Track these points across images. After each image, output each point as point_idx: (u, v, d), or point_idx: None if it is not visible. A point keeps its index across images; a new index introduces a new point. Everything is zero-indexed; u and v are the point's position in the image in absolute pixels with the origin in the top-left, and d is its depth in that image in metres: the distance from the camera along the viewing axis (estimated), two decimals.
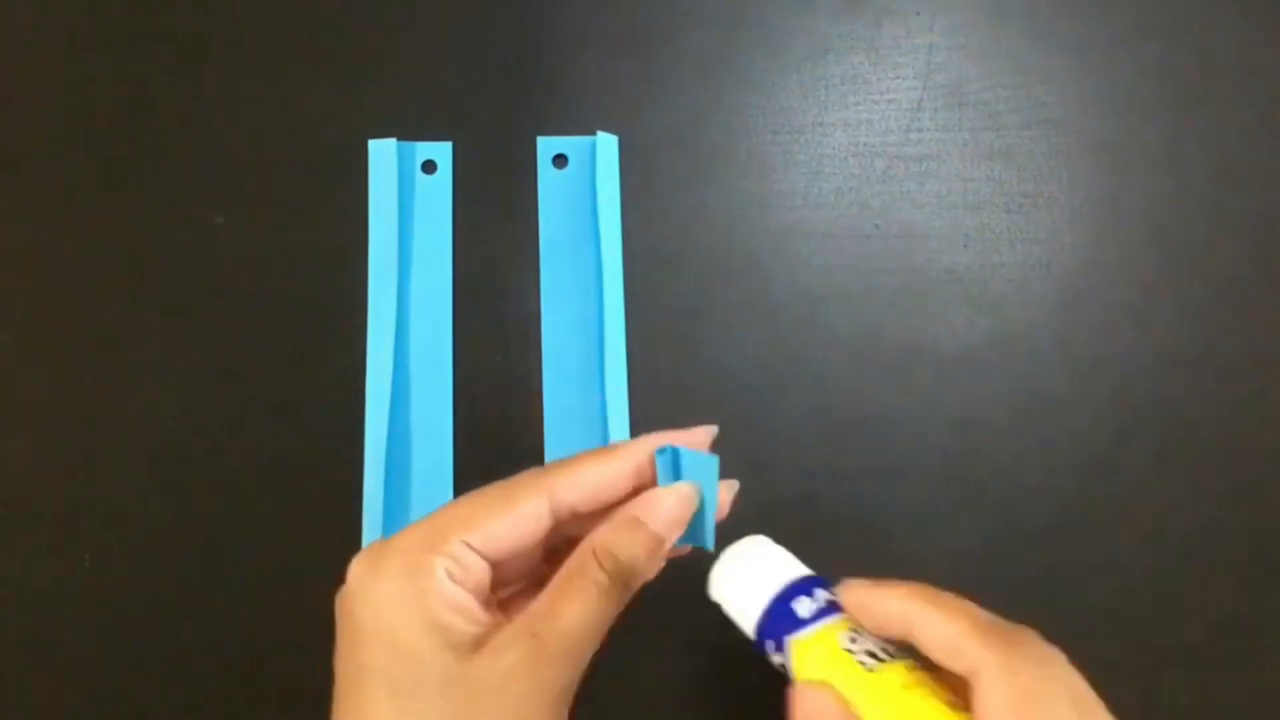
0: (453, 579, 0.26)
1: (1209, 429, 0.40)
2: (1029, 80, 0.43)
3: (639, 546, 0.27)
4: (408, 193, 0.41)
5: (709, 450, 0.30)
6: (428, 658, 0.25)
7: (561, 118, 0.42)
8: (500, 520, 0.27)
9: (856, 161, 0.42)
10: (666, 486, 0.28)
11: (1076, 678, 0.25)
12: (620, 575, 0.27)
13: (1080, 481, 0.40)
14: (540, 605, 0.26)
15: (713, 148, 0.42)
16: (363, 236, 0.41)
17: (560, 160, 0.42)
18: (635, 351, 0.40)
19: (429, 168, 0.42)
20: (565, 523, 0.29)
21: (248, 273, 0.40)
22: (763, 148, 0.42)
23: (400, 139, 0.41)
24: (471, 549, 0.27)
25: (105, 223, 0.41)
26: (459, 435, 0.39)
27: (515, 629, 0.26)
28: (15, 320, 0.40)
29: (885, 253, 0.41)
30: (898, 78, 0.43)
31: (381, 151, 0.41)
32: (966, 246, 0.42)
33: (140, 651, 0.37)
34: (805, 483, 0.39)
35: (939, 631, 0.24)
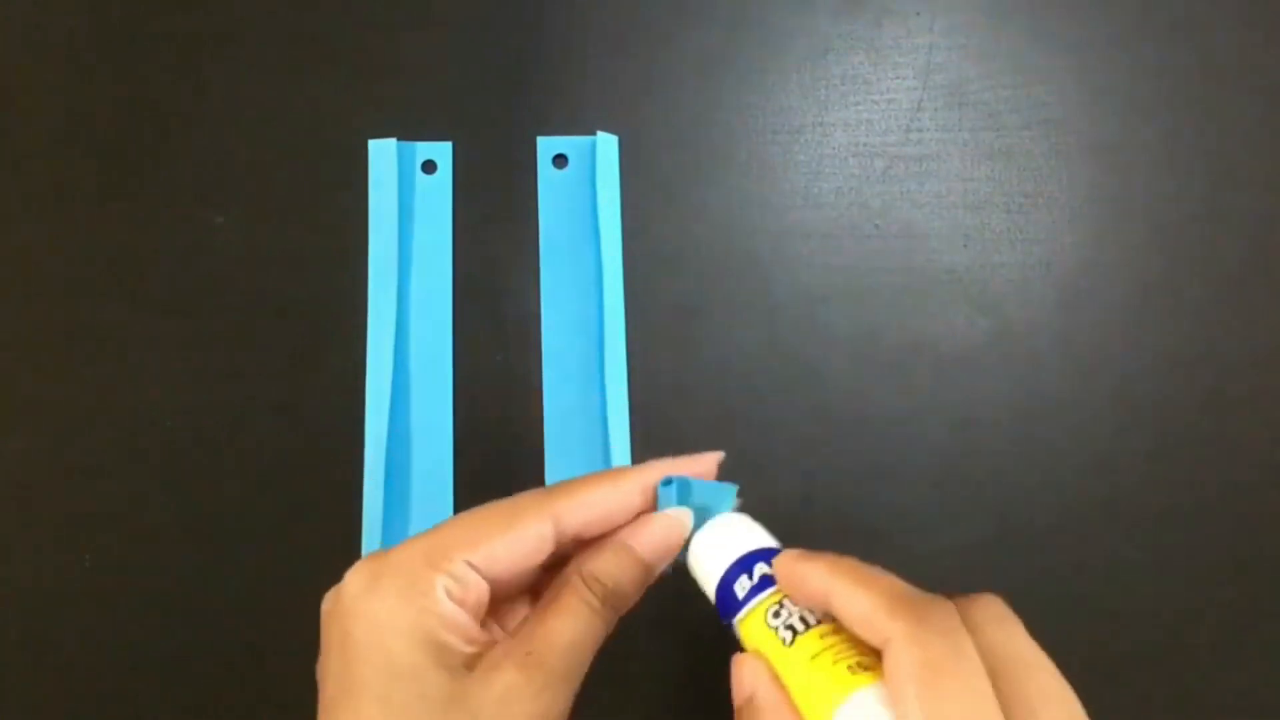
0: (452, 598, 0.26)
1: (1209, 429, 0.40)
2: (1029, 80, 0.43)
3: (624, 572, 0.27)
4: (408, 193, 0.41)
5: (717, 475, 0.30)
6: (425, 677, 0.25)
7: (561, 118, 0.42)
8: (502, 541, 0.27)
9: (856, 161, 0.42)
10: (657, 512, 0.28)
11: (1009, 642, 0.25)
12: (610, 601, 0.27)
13: (1080, 481, 0.40)
14: (534, 624, 0.26)
15: (713, 148, 0.42)
16: (363, 236, 0.41)
17: (560, 160, 0.42)
18: (635, 351, 0.40)
19: (429, 168, 0.42)
20: (568, 549, 0.29)
21: (248, 273, 0.40)
22: (763, 148, 0.42)
23: (400, 139, 0.41)
24: (472, 568, 0.26)
25: (105, 223, 0.41)
26: (459, 435, 0.39)
27: (509, 649, 0.26)
28: (15, 320, 0.40)
29: (885, 253, 0.41)
30: (898, 78, 0.43)
31: (381, 151, 0.41)
32: (966, 246, 0.42)
33: (140, 651, 0.37)
34: (805, 483, 0.39)
35: (854, 605, 0.24)
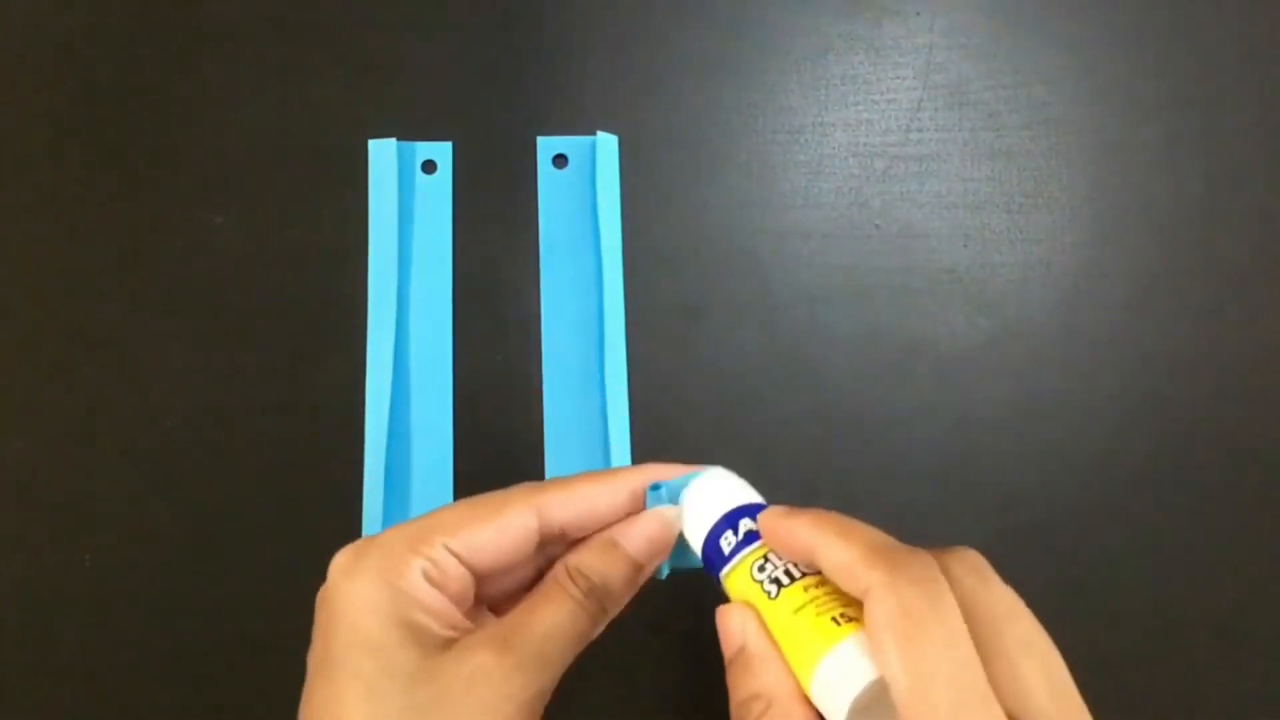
0: (430, 580, 0.26)
1: (1209, 428, 0.40)
2: (1029, 80, 0.43)
3: (612, 569, 0.27)
4: (408, 193, 0.41)
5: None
6: (396, 654, 0.25)
7: (561, 118, 0.42)
8: (485, 528, 0.27)
9: (856, 161, 0.42)
10: (647, 510, 0.28)
11: (987, 592, 0.26)
12: (594, 595, 0.27)
13: (1080, 481, 0.40)
14: (514, 614, 0.27)
15: (713, 148, 0.42)
16: (363, 236, 0.41)
17: (560, 160, 0.42)
18: (635, 351, 0.40)
19: (429, 168, 0.42)
20: (557, 543, 0.29)
21: (248, 273, 0.40)
22: (763, 148, 0.42)
23: (400, 139, 0.41)
24: (453, 554, 0.27)
25: (105, 223, 0.41)
26: (459, 435, 0.39)
27: (486, 633, 0.26)
28: (15, 320, 0.40)
29: (885, 253, 0.41)
30: (898, 78, 0.43)
31: (381, 151, 0.41)
32: (966, 246, 0.42)
33: (140, 651, 0.37)
34: (805, 482, 0.39)
35: (836, 556, 0.24)
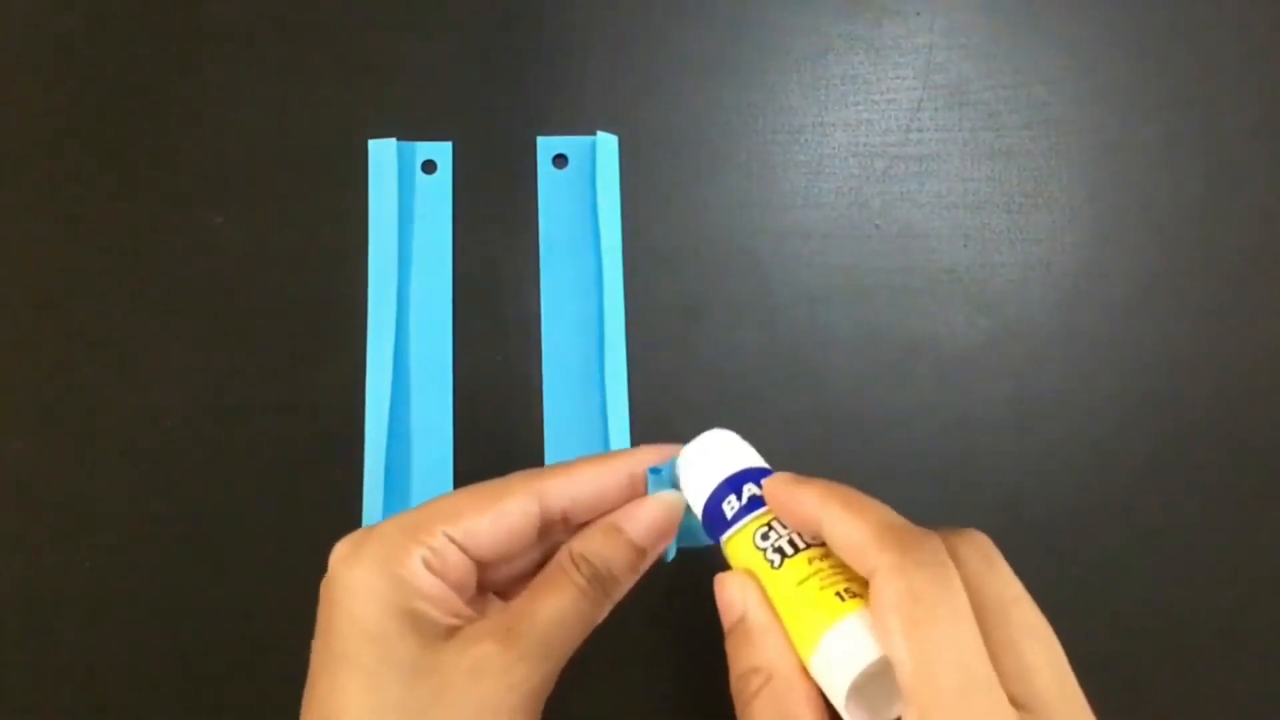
0: (430, 568, 0.26)
1: (1209, 429, 0.40)
2: (1029, 80, 0.43)
3: (615, 554, 0.27)
4: (408, 193, 0.41)
5: None
6: (396, 643, 0.25)
7: (561, 118, 0.42)
8: (485, 516, 0.27)
9: (856, 161, 0.42)
10: (649, 495, 0.28)
11: (994, 577, 0.25)
12: (597, 581, 0.27)
13: (1080, 481, 0.40)
14: (517, 602, 0.26)
15: (713, 148, 0.42)
16: (363, 236, 0.41)
17: (560, 160, 0.42)
18: (635, 351, 0.40)
19: (429, 168, 0.42)
20: (558, 529, 0.29)
21: (248, 273, 0.40)
22: (763, 148, 0.42)
23: (400, 139, 0.41)
24: (453, 542, 0.26)
25: (105, 222, 0.41)
26: (459, 435, 0.39)
27: (489, 623, 0.26)
28: (15, 320, 0.40)
29: (885, 253, 0.41)
30: (898, 78, 0.43)
31: (381, 151, 0.41)
32: (966, 246, 0.42)
33: (140, 651, 0.37)
34: None
35: (844, 533, 0.24)
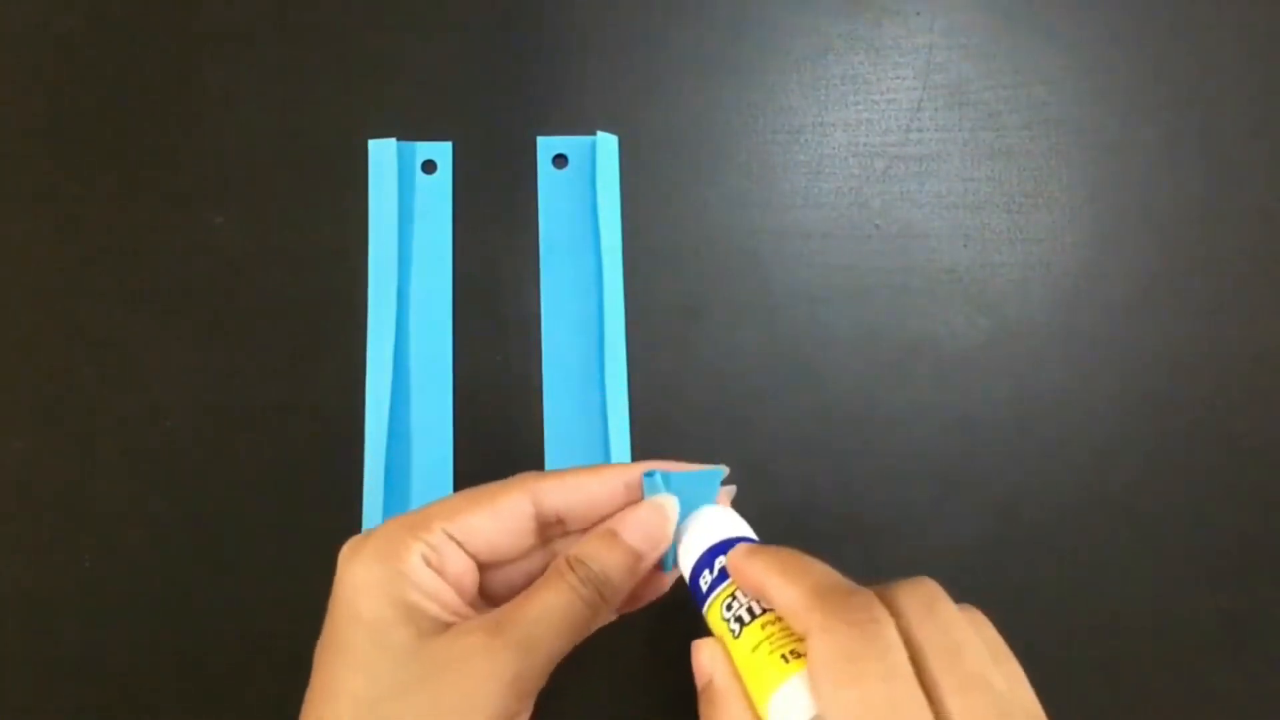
0: (429, 564, 0.27)
1: (1209, 428, 0.40)
2: (1029, 80, 0.43)
3: (611, 557, 0.27)
4: (408, 193, 0.41)
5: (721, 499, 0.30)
6: (390, 633, 0.26)
7: (561, 118, 0.42)
8: (482, 514, 0.28)
9: (856, 161, 0.42)
10: (644, 500, 0.28)
11: (934, 626, 0.24)
12: (593, 584, 0.27)
13: (1080, 481, 0.40)
14: (512, 601, 0.27)
15: (713, 148, 0.42)
16: (363, 236, 0.41)
17: (560, 160, 0.42)
18: (635, 351, 0.40)
19: (429, 168, 0.42)
20: (556, 534, 0.29)
21: (248, 273, 0.40)
22: (763, 148, 0.42)
23: (400, 139, 0.41)
24: (452, 539, 0.27)
25: (105, 222, 0.41)
26: (459, 435, 0.39)
27: (482, 618, 0.26)
28: (15, 320, 0.40)
29: (885, 253, 0.41)
30: (898, 78, 0.43)
31: (381, 151, 0.41)
32: (966, 246, 0.42)
33: (140, 651, 0.37)
34: (805, 483, 0.39)
35: (782, 598, 0.25)
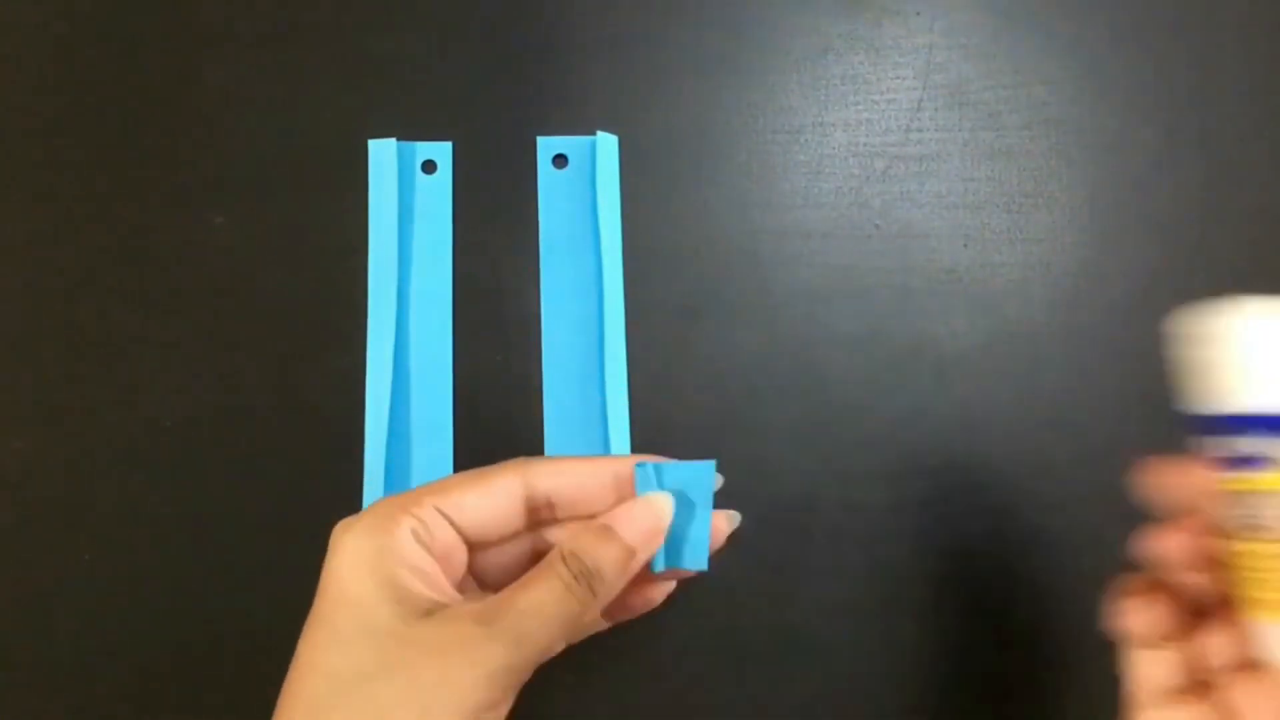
0: (418, 539, 0.27)
1: None
2: (1029, 80, 0.43)
3: (606, 553, 0.27)
4: (408, 193, 0.41)
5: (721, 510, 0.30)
6: (373, 610, 0.26)
7: (561, 118, 0.42)
8: (473, 492, 0.28)
9: (856, 161, 0.42)
10: (642, 496, 0.28)
11: None
12: (586, 579, 0.27)
13: (1080, 481, 0.39)
14: (502, 591, 0.27)
15: (713, 148, 0.42)
16: (363, 236, 0.41)
17: (560, 160, 0.42)
18: (635, 351, 0.40)
19: (429, 168, 0.42)
20: (545, 518, 0.29)
21: (248, 273, 0.40)
22: (763, 148, 0.42)
23: (400, 139, 0.41)
24: (443, 516, 0.27)
25: (105, 222, 0.41)
26: (459, 435, 0.39)
27: (469, 607, 0.26)
28: (15, 320, 0.40)
29: (885, 253, 0.41)
30: (898, 78, 0.43)
31: (381, 151, 0.41)
32: (966, 246, 0.42)
33: (140, 651, 0.37)
34: (804, 483, 0.39)
35: None
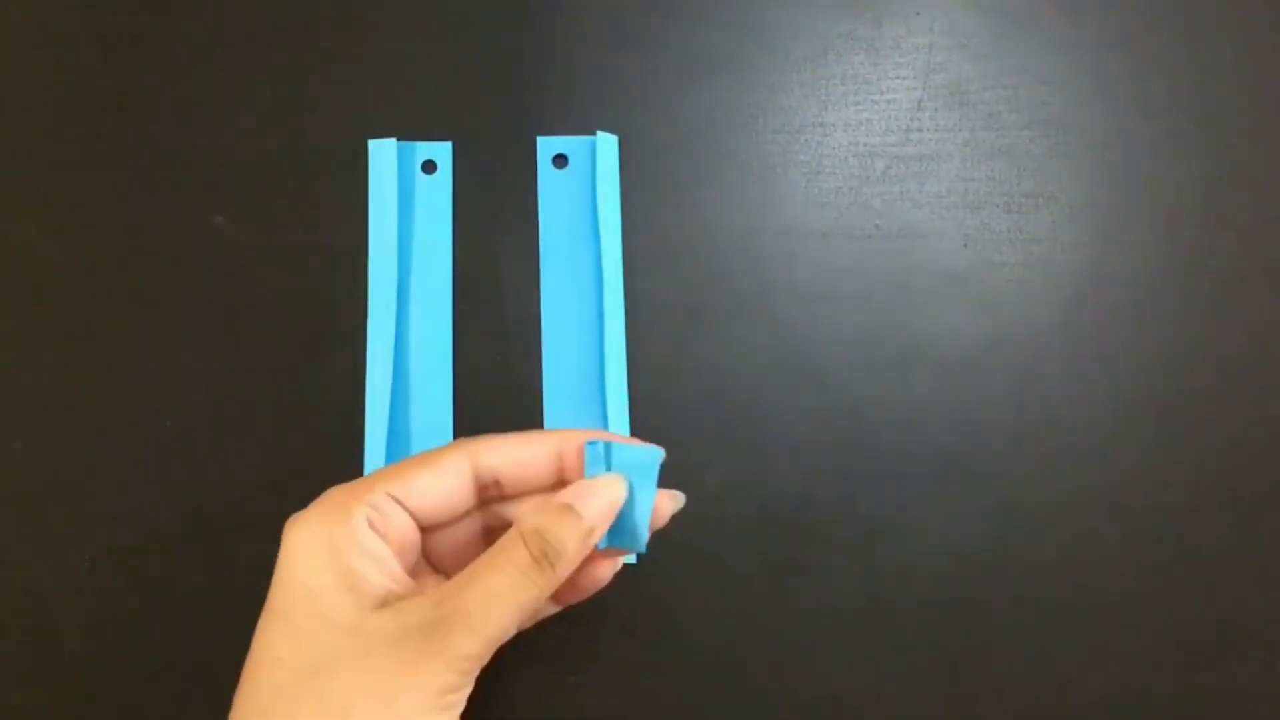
0: (374, 527, 0.27)
1: (1209, 429, 0.40)
2: (1029, 80, 0.43)
3: (567, 532, 0.27)
4: (408, 193, 0.41)
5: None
6: (327, 600, 0.26)
7: (561, 118, 0.42)
8: (424, 474, 0.28)
9: (856, 161, 0.42)
10: (600, 476, 0.28)
11: None
12: (546, 557, 0.27)
13: (1081, 481, 0.40)
14: (457, 578, 0.27)
15: (713, 148, 0.42)
16: (363, 236, 0.41)
17: (560, 160, 0.42)
18: (635, 351, 0.40)
19: (429, 168, 0.42)
20: (492, 494, 0.29)
21: (248, 273, 0.40)
22: (763, 148, 0.42)
23: (400, 139, 0.41)
24: (395, 500, 0.27)
25: (105, 222, 0.41)
26: (459, 435, 0.39)
27: (425, 597, 0.26)
28: (15, 320, 0.40)
29: (885, 253, 0.41)
30: (898, 78, 0.43)
31: (381, 151, 0.41)
32: (966, 246, 0.42)
33: (141, 651, 0.37)
34: (804, 483, 0.39)
35: None
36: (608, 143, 0.41)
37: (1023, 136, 0.43)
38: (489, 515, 0.30)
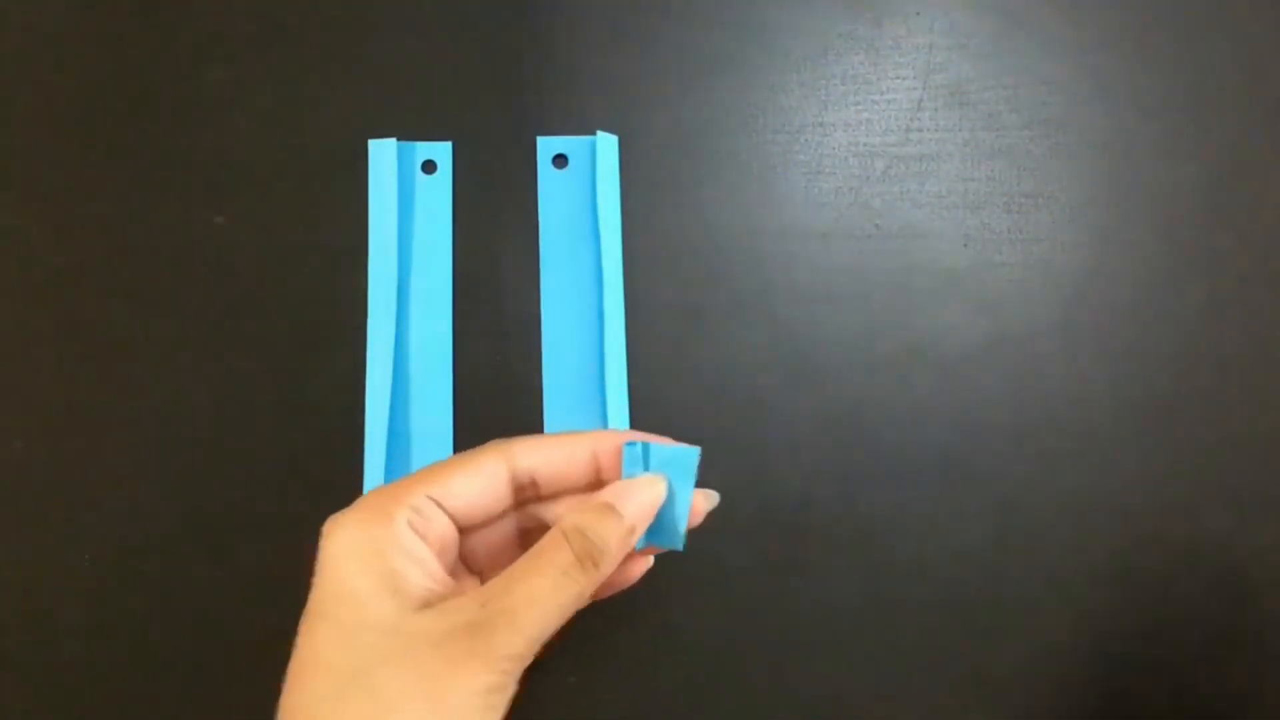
0: (413, 529, 0.27)
1: (1209, 429, 0.40)
2: (1029, 80, 0.43)
3: (609, 531, 0.27)
4: (408, 193, 0.41)
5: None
6: (371, 603, 0.25)
7: (561, 118, 0.42)
8: (461, 476, 0.28)
9: (856, 161, 0.42)
10: (641, 476, 0.29)
11: None
12: (589, 556, 0.27)
13: (1080, 481, 0.40)
14: (499, 577, 0.27)
15: (713, 148, 0.42)
16: (363, 236, 0.41)
17: (560, 160, 0.42)
18: (635, 351, 0.40)
19: (429, 168, 0.42)
20: (528, 495, 0.29)
21: (248, 273, 0.40)
22: (763, 148, 0.42)
23: (400, 139, 0.41)
24: (434, 502, 0.27)
25: (105, 222, 0.41)
26: (459, 435, 0.39)
27: (468, 598, 0.26)
28: (15, 320, 0.40)
29: (885, 253, 0.41)
30: (898, 78, 0.43)
31: (381, 151, 0.41)
32: (966, 246, 0.42)
33: (141, 651, 0.37)
34: (804, 483, 0.39)
35: None
36: (608, 143, 0.41)
37: (1023, 136, 0.43)
38: (524, 516, 0.30)
